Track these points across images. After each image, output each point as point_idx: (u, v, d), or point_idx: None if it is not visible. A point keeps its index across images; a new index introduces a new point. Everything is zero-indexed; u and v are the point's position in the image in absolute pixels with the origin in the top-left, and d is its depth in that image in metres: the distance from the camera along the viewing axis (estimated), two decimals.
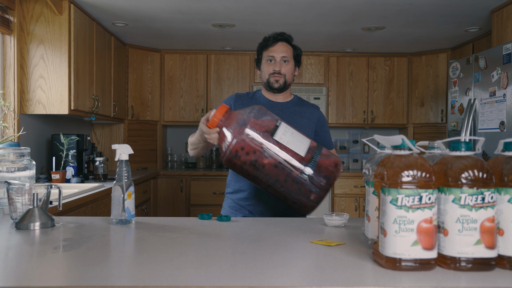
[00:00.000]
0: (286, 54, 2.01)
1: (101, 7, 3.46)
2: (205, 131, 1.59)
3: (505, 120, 2.89)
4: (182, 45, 4.78)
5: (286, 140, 1.53)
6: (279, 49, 2.01)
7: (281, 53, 2.01)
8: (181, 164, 5.27)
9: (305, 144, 1.56)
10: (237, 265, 1.04)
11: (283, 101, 2.07)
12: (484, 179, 0.97)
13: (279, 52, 2.01)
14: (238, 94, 2.09)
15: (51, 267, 1.04)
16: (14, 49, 3.09)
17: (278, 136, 1.53)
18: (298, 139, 1.56)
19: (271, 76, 2.01)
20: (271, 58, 2.01)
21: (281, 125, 1.57)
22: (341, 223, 1.51)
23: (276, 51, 2.01)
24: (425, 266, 0.97)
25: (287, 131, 1.56)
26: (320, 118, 2.08)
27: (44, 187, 1.51)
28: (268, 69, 2.02)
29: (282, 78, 2.01)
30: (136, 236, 1.35)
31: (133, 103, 4.77)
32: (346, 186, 4.75)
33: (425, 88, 4.94)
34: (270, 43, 2.02)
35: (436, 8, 3.45)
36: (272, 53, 2.01)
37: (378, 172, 1.03)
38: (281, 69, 2.00)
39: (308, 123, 2.03)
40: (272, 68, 2.01)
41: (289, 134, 1.55)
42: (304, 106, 2.08)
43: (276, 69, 2.00)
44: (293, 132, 1.58)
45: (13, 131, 3.03)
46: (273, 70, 2.00)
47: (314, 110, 2.09)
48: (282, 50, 2.01)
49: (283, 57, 2.01)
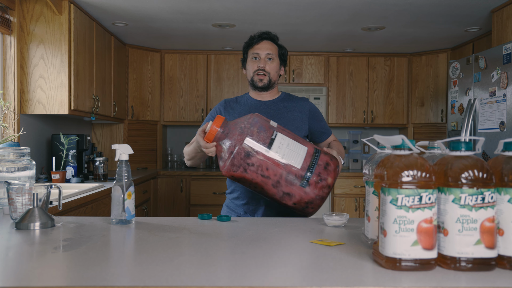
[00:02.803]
0: (270, 51, 2.02)
1: (101, 7, 3.46)
2: (203, 145, 1.64)
3: (505, 120, 2.89)
4: (182, 45, 4.78)
5: (282, 153, 1.57)
6: (263, 46, 2.02)
7: (266, 51, 2.01)
8: (181, 164, 5.27)
9: (302, 154, 1.59)
10: (237, 265, 1.04)
11: (271, 99, 2.07)
12: (484, 179, 0.97)
13: (263, 50, 2.01)
14: (227, 100, 2.10)
15: (51, 267, 1.04)
16: (14, 49, 3.09)
17: (274, 149, 1.56)
18: (294, 150, 1.59)
19: (255, 74, 2.01)
20: (255, 55, 2.02)
21: (276, 137, 1.59)
22: (341, 223, 1.51)
23: (260, 48, 2.01)
24: (425, 266, 0.97)
25: (283, 143, 1.59)
26: (312, 108, 2.08)
27: (44, 187, 1.51)
28: (252, 66, 2.02)
29: (267, 76, 2.01)
30: (136, 236, 1.35)
31: (133, 103, 4.77)
32: (346, 186, 4.75)
33: (425, 88, 4.94)
34: (255, 41, 2.03)
35: (436, 8, 3.45)
36: (256, 50, 2.02)
37: (378, 172, 1.03)
38: (265, 66, 2.00)
39: (299, 116, 2.03)
40: (256, 65, 2.01)
41: (285, 146, 1.58)
42: (293, 101, 2.08)
43: (260, 65, 2.00)
44: (289, 142, 1.60)
45: (13, 131, 3.03)
46: (257, 67, 2.00)
47: (304, 102, 2.08)
48: (267, 48, 2.02)
49: (268, 54, 2.01)
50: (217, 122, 1.61)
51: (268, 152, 1.56)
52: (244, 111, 2.02)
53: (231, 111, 2.04)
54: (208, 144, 1.62)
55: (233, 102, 2.09)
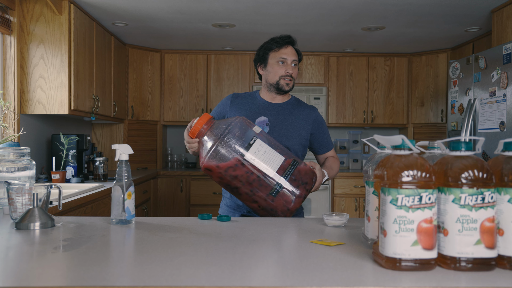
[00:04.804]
0: (295, 58, 2.05)
1: (101, 7, 3.46)
2: (187, 139, 1.76)
3: (505, 120, 2.89)
4: (182, 45, 4.78)
5: (258, 159, 1.63)
6: (290, 52, 2.03)
7: (292, 57, 2.03)
8: (181, 164, 5.27)
9: (277, 163, 1.65)
10: (237, 265, 1.04)
11: (280, 102, 2.08)
12: (484, 179, 0.97)
13: (290, 55, 2.03)
14: (236, 94, 2.11)
15: (51, 267, 1.04)
16: (14, 49, 3.09)
17: (250, 153, 1.63)
18: (270, 158, 1.65)
19: (282, 78, 2.01)
20: (282, 60, 2.02)
21: (255, 142, 1.65)
22: (341, 223, 1.51)
23: (288, 54, 2.02)
24: (425, 266, 0.97)
25: (260, 150, 1.65)
26: (317, 119, 2.09)
27: (44, 187, 1.51)
28: (279, 71, 2.02)
29: (292, 81, 2.04)
30: (136, 236, 1.35)
31: (133, 103, 4.77)
32: (346, 186, 4.75)
33: (425, 88, 4.94)
34: (280, 45, 2.03)
35: (436, 8, 3.45)
36: (284, 55, 2.02)
37: (378, 172, 1.03)
38: (292, 72, 2.03)
39: (303, 124, 2.04)
40: (284, 70, 2.01)
41: (262, 153, 1.64)
42: (301, 107, 2.09)
43: (289, 71, 2.01)
44: (267, 150, 1.66)
45: (13, 131, 3.03)
46: (286, 73, 2.01)
47: (311, 111, 2.09)
48: (293, 54, 2.04)
49: (293, 60, 2.03)
50: (202, 119, 1.69)
51: (244, 156, 1.62)
52: (251, 109, 2.03)
53: (237, 106, 2.05)
54: (191, 139, 1.73)
55: (241, 98, 2.09)
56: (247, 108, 2.03)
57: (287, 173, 1.64)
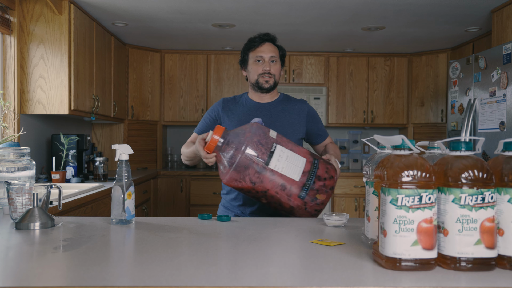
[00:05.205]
0: (274, 54, 2.03)
1: (101, 7, 3.46)
2: (203, 155, 1.67)
3: (505, 120, 2.89)
4: (182, 45, 4.78)
5: (282, 166, 1.61)
6: (267, 49, 2.03)
7: (269, 53, 2.02)
8: (181, 164, 5.27)
9: (300, 166, 1.63)
10: (237, 265, 1.04)
11: (270, 101, 2.08)
12: (484, 179, 0.97)
13: (267, 52, 2.02)
14: (225, 99, 2.11)
15: (51, 267, 1.04)
16: (14, 49, 3.09)
17: (273, 161, 1.60)
18: (293, 162, 1.63)
19: (260, 76, 2.02)
20: (259, 58, 2.03)
21: (276, 149, 1.62)
22: (341, 223, 1.51)
23: (264, 51, 2.02)
24: (425, 266, 0.97)
25: (282, 156, 1.62)
26: (310, 111, 2.10)
27: (44, 187, 1.51)
28: (257, 69, 2.03)
29: (272, 78, 2.03)
30: (136, 236, 1.35)
31: (133, 103, 4.77)
32: (346, 186, 4.75)
33: (425, 88, 4.94)
34: (257, 44, 2.03)
35: (436, 8, 3.45)
36: (260, 53, 2.02)
37: (378, 172, 1.03)
38: (271, 69, 2.02)
39: (298, 119, 2.05)
40: (261, 68, 2.02)
41: (284, 159, 1.62)
42: (292, 103, 2.10)
43: (266, 68, 2.01)
44: (289, 155, 1.63)
45: (13, 131, 3.03)
46: (263, 70, 2.01)
47: (302, 105, 2.10)
48: (270, 50, 2.03)
49: (271, 57, 2.03)
50: (217, 132, 1.64)
51: (268, 165, 1.59)
52: (243, 113, 2.03)
53: (229, 112, 2.05)
54: (208, 155, 1.65)
55: (231, 103, 2.09)
56: (239, 112, 2.04)
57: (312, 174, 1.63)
